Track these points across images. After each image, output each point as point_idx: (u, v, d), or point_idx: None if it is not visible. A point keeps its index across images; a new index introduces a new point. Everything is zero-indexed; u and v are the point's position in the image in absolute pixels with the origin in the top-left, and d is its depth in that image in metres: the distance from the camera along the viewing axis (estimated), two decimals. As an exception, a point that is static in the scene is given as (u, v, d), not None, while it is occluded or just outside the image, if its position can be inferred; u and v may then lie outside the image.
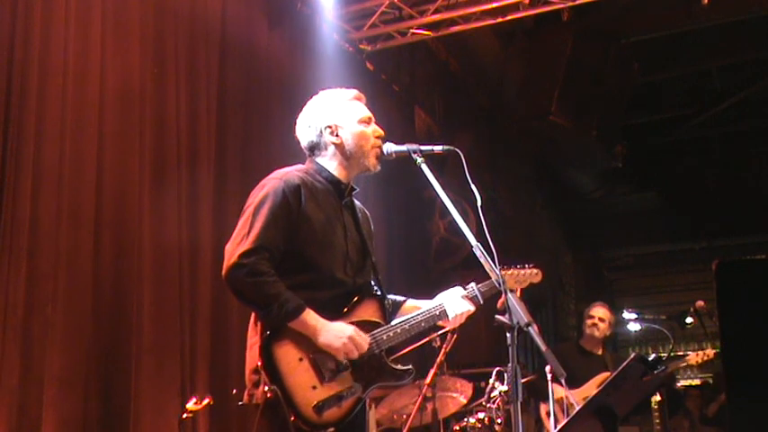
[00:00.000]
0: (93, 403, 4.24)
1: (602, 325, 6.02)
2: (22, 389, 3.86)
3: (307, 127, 2.95)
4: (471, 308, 2.96)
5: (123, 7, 4.82)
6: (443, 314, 2.93)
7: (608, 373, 5.66)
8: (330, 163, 2.91)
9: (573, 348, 6.18)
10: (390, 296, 2.98)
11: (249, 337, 2.74)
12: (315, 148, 2.93)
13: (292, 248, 2.70)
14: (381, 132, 2.94)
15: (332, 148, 2.90)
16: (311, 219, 2.74)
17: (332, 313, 2.70)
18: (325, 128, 2.90)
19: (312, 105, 2.98)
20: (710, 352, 5.85)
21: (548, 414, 5.35)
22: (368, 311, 2.80)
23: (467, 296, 2.97)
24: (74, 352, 4.17)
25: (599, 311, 6.09)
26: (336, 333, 2.64)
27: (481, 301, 2.99)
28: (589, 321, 6.06)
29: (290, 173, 2.83)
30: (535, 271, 3.39)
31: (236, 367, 5.14)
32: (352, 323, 2.72)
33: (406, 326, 2.83)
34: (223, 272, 2.63)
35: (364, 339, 2.69)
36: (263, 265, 2.60)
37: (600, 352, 6.04)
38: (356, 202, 3.03)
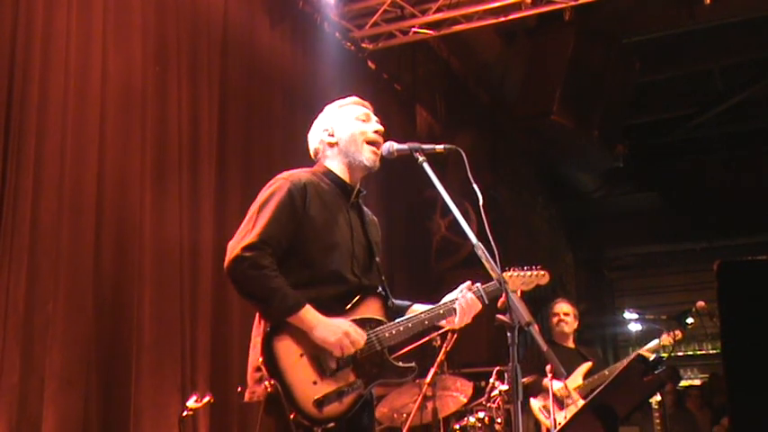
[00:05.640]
0: (93, 401, 4.24)
1: (568, 319, 6.02)
2: (23, 387, 3.86)
3: (311, 136, 3.06)
4: (479, 306, 2.96)
5: (125, 5, 4.82)
6: (448, 312, 2.92)
7: (590, 363, 5.66)
8: (334, 165, 2.96)
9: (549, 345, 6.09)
10: (396, 301, 2.98)
11: (253, 336, 2.75)
12: (317, 153, 3.02)
13: (295, 246, 2.73)
14: (380, 128, 2.97)
15: (330, 149, 2.96)
16: (314, 218, 2.77)
17: (335, 310, 2.71)
18: (323, 131, 2.99)
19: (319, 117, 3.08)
20: (679, 333, 5.75)
21: (544, 409, 5.36)
22: (370, 309, 2.81)
23: (474, 294, 2.96)
24: (74, 350, 4.17)
25: (562, 307, 6.08)
26: (332, 329, 2.64)
27: (486, 302, 2.98)
28: (555, 319, 6.05)
29: (297, 173, 2.88)
30: (542, 272, 3.34)
31: (237, 365, 5.20)
32: (354, 320, 2.73)
33: (409, 324, 2.83)
34: (225, 264, 2.67)
35: (361, 335, 2.69)
36: (266, 260, 2.64)
37: (572, 345, 6.05)
38: (365, 208, 3.05)
